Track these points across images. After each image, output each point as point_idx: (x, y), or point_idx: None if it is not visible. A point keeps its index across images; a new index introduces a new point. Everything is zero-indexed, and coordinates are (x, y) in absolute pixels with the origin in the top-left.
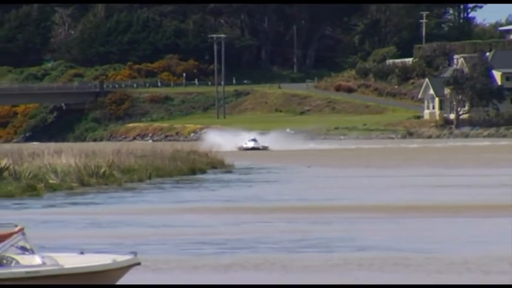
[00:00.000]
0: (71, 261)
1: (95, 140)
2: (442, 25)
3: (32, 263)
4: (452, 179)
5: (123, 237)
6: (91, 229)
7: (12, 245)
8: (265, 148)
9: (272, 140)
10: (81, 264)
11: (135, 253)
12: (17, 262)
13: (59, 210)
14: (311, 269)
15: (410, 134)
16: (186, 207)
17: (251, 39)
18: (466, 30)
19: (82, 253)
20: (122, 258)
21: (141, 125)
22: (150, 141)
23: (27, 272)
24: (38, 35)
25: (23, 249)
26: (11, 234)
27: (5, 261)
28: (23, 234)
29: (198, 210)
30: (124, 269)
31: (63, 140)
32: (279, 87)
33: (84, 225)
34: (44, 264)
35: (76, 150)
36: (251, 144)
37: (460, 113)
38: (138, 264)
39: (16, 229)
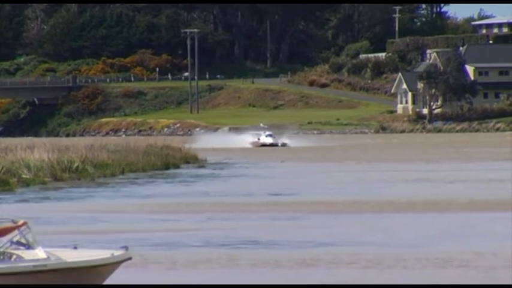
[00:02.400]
0: (69, 256)
1: (67, 135)
2: (415, 20)
3: (36, 257)
4: (422, 174)
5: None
6: (61, 225)
7: (14, 240)
8: (284, 145)
9: (286, 137)
10: (83, 258)
11: (126, 247)
12: (19, 257)
13: (31, 206)
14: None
15: (383, 129)
16: (144, 203)
17: (224, 34)
18: (439, 25)
19: (75, 248)
20: (118, 252)
21: (114, 119)
22: (123, 136)
23: (34, 266)
24: (11, 29)
25: (24, 244)
26: (13, 229)
27: (9, 256)
28: (27, 228)
29: (146, 207)
30: (120, 263)
31: (36, 134)
32: (252, 82)
33: (55, 220)
34: (49, 258)
35: (49, 145)
36: (269, 140)
37: (433, 107)
38: (130, 258)
39: (20, 223)
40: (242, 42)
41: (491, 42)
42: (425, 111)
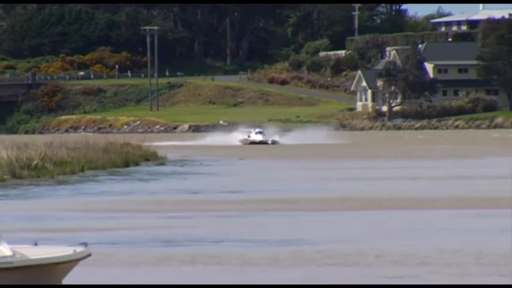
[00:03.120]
0: (32, 253)
1: (27, 132)
2: (374, 17)
3: (1, 254)
4: (385, 171)
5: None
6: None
7: None
8: (274, 143)
9: (275, 134)
10: (48, 255)
11: (85, 244)
12: None
13: None
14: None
15: (343, 126)
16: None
17: (184, 31)
18: (398, 23)
19: (36, 244)
20: (80, 249)
21: (74, 117)
22: (83, 133)
23: (1, 263)
24: None
25: None
26: None
27: None
28: None
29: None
30: (82, 259)
31: None
32: (212, 79)
33: (12, 218)
34: (14, 255)
35: (8, 142)
36: (258, 138)
37: (393, 105)
38: (90, 255)
39: None
40: (202, 40)
41: (450, 40)
42: (384, 108)
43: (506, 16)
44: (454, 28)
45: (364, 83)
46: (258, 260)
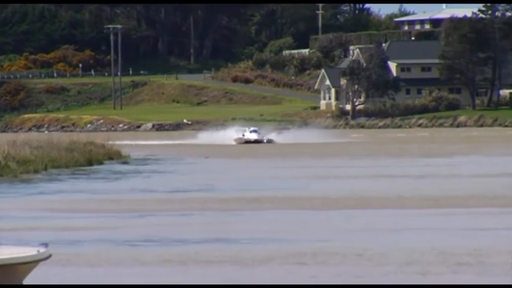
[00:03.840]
0: None
1: None
2: (338, 16)
3: None
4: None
5: None
6: None
7: None
8: (270, 142)
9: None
10: (7, 255)
11: (46, 245)
12: None
13: None
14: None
15: (306, 125)
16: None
17: (148, 29)
18: (362, 22)
19: None
20: (42, 249)
21: (37, 115)
22: (46, 132)
23: None
24: None
25: None
26: None
27: None
28: None
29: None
30: (43, 260)
31: None
32: (176, 78)
33: None
34: None
35: None
36: (253, 136)
37: (356, 103)
38: (50, 256)
39: None
40: (166, 38)
41: (413, 38)
42: (348, 107)
43: (469, 15)
44: (417, 27)
45: (327, 82)
46: (223, 258)
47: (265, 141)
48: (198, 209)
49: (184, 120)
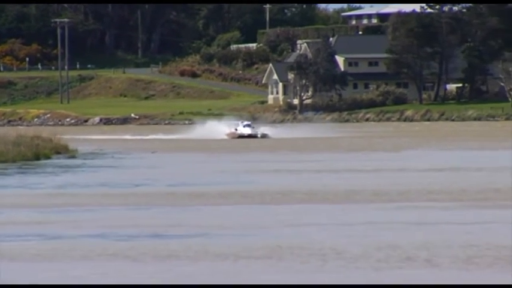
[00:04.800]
0: None
1: None
2: (285, 10)
3: None
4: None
5: None
6: None
7: None
8: (264, 136)
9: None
10: None
11: None
12: None
13: None
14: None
15: (254, 119)
16: None
17: (95, 23)
18: (309, 16)
19: None
20: None
21: None
22: None
23: None
24: None
25: None
26: None
27: None
28: None
29: None
30: None
31: None
32: (124, 72)
33: None
34: None
35: None
36: (247, 131)
37: (304, 98)
38: None
39: None
40: (113, 32)
41: (361, 33)
42: (296, 101)
43: (417, 9)
44: (365, 21)
45: (275, 76)
46: (171, 252)
47: (259, 135)
48: (132, 203)
49: (132, 115)
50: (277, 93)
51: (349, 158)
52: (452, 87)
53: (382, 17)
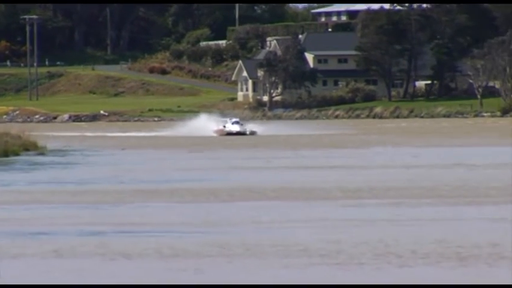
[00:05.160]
0: None
1: None
2: (255, 7)
3: None
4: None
5: None
6: None
7: None
8: (253, 133)
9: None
10: None
11: None
12: None
13: None
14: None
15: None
16: None
17: (64, 20)
18: (279, 13)
19: None
20: None
21: None
22: None
23: None
24: None
25: None
26: None
27: None
28: None
29: None
30: None
31: None
32: (93, 69)
33: None
34: None
35: None
36: (235, 128)
37: (273, 95)
38: None
39: None
40: (82, 29)
41: (330, 30)
42: (265, 98)
43: (386, 7)
44: (334, 18)
45: (245, 73)
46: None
47: (248, 133)
48: (95, 201)
49: (101, 111)
50: (246, 90)
51: (317, 155)
52: (421, 84)
53: (352, 14)
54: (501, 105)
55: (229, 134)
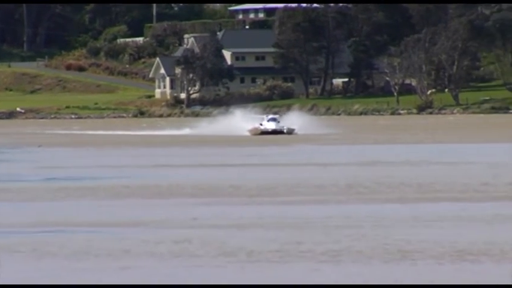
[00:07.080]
0: None
1: None
2: (173, 5)
3: None
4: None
5: None
6: None
7: None
8: (290, 132)
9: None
10: None
11: None
12: None
13: None
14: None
15: (141, 113)
16: None
17: None
18: (196, 10)
19: None
20: None
21: None
22: None
23: None
24: None
25: None
26: None
27: None
28: None
29: None
30: None
31: None
32: (9, 66)
33: None
34: None
35: None
36: (271, 126)
37: (191, 92)
38: None
39: None
40: None
41: (248, 27)
42: (183, 96)
43: (303, 4)
44: (252, 16)
45: (162, 70)
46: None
47: (285, 131)
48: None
49: (18, 109)
50: (164, 87)
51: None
52: (338, 81)
53: (269, 11)
54: (417, 103)
55: (264, 132)
